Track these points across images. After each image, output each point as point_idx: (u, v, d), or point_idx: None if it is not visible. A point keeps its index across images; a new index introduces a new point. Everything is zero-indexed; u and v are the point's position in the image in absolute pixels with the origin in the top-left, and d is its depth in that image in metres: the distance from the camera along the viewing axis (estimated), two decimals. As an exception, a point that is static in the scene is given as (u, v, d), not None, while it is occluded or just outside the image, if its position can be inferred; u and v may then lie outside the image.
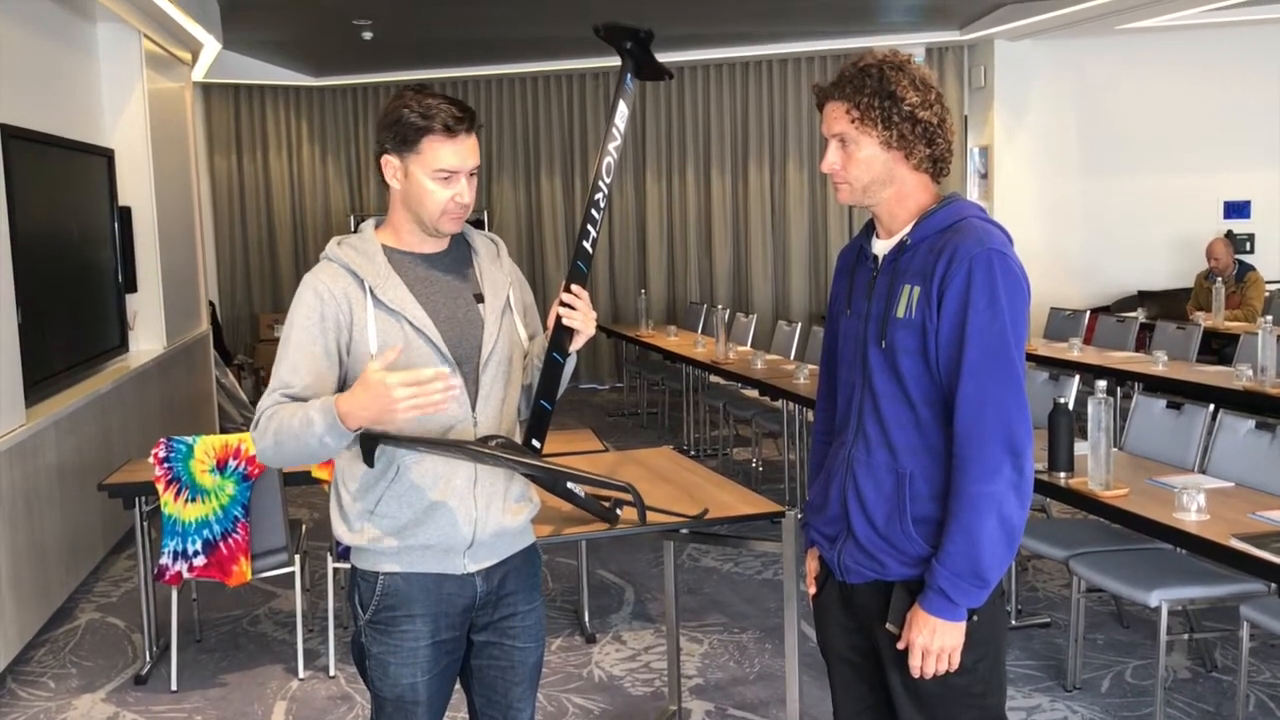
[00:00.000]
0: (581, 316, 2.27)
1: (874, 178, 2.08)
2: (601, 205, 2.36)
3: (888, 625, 2.11)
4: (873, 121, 2.04)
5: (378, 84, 10.90)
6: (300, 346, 2.17)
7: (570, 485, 2.55)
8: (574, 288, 2.28)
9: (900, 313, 2.06)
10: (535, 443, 2.32)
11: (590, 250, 2.34)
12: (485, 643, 2.34)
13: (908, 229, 2.10)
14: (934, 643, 2.04)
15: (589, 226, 2.35)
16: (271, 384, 2.19)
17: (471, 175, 2.23)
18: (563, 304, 2.28)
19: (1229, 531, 3.19)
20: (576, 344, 2.31)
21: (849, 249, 2.27)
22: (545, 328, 2.37)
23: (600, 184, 2.35)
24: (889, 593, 2.12)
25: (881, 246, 2.15)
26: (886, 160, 2.07)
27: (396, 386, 1.97)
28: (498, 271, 2.35)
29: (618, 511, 2.98)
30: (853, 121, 2.06)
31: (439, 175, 2.18)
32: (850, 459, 2.16)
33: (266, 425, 2.12)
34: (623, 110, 2.37)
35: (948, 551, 2.01)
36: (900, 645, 2.09)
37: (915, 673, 2.07)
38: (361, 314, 2.19)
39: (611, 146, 2.37)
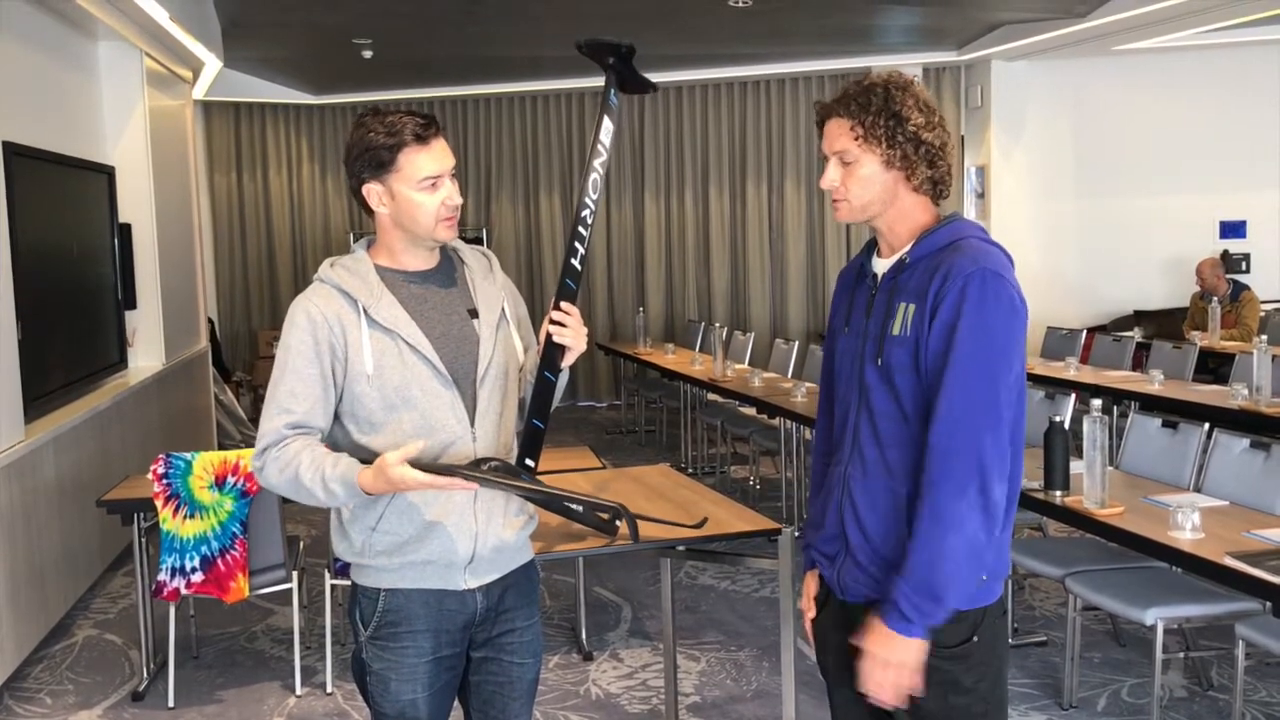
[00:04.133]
0: (572, 333, 2.28)
1: (873, 197, 2.08)
2: (589, 222, 2.35)
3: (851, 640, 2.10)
4: (877, 140, 2.04)
5: (378, 102, 10.94)
6: (297, 371, 2.19)
7: (567, 502, 2.56)
8: (563, 304, 2.29)
9: (896, 330, 2.06)
10: (529, 461, 2.31)
11: (579, 267, 2.34)
12: (483, 659, 2.35)
13: (908, 247, 2.10)
14: (888, 655, 2.01)
15: (576, 244, 2.34)
16: (270, 407, 2.19)
17: (453, 176, 2.25)
18: (553, 322, 2.28)
19: (1224, 550, 3.20)
20: (568, 360, 2.31)
21: (849, 267, 2.27)
22: (539, 344, 2.37)
23: (587, 200, 2.35)
24: None
25: (881, 265, 2.15)
26: (886, 180, 2.07)
27: (416, 487, 2.07)
28: (491, 285, 2.36)
29: (617, 524, 2.99)
30: (856, 139, 2.05)
31: (424, 185, 2.20)
32: (847, 477, 2.15)
33: (279, 469, 2.15)
34: (608, 126, 2.37)
35: (908, 565, 2.00)
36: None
37: (864, 684, 2.04)
38: (356, 335, 2.20)
39: (597, 163, 2.36)
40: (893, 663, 2.02)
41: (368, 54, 8.73)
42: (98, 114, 6.72)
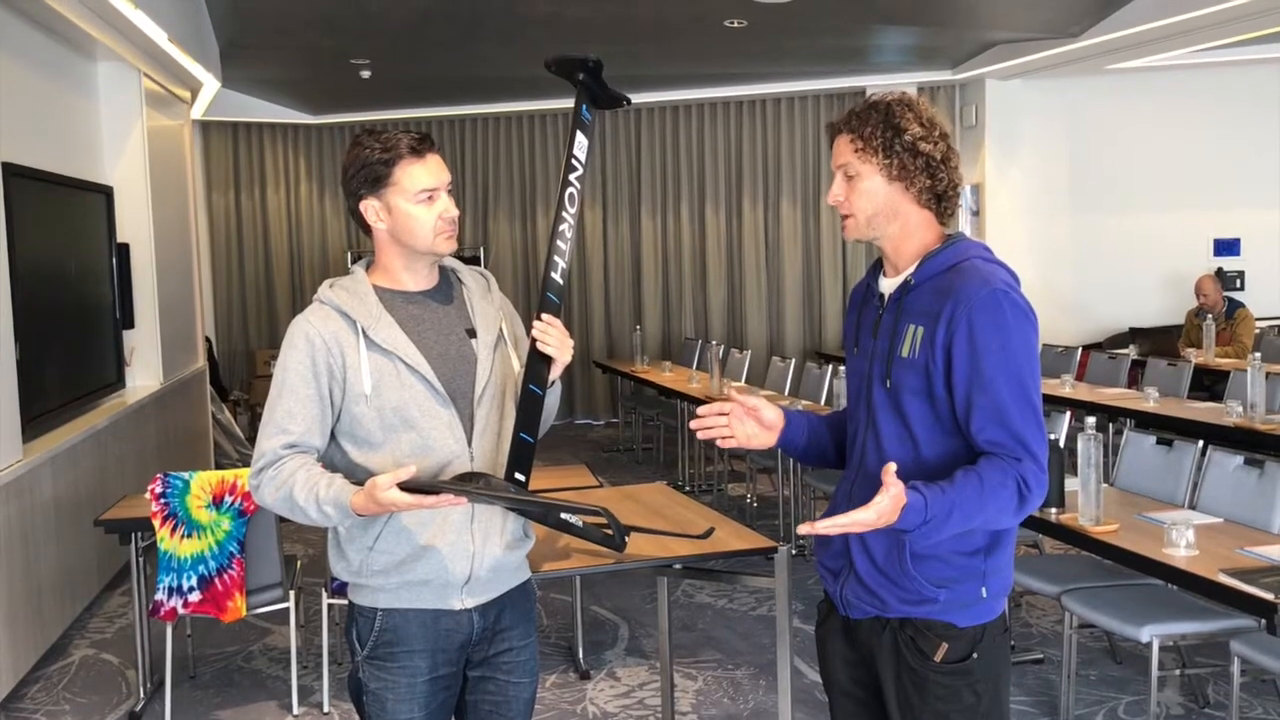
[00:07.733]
0: (556, 342, 2.28)
1: (877, 209, 2.10)
2: (568, 236, 2.38)
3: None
4: (874, 150, 2.07)
5: (375, 122, 10.98)
6: (294, 392, 2.20)
7: (565, 516, 2.56)
8: (545, 316, 2.29)
9: (905, 352, 2.07)
10: (519, 475, 2.31)
11: (560, 281, 2.36)
12: (480, 678, 2.36)
13: (912, 268, 2.11)
14: (878, 520, 1.92)
15: (556, 258, 2.37)
16: (267, 427, 2.21)
17: (449, 192, 2.27)
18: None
19: (1219, 567, 3.21)
20: (555, 372, 2.31)
21: (858, 287, 2.29)
22: None
23: (564, 215, 2.37)
24: (890, 629, 2.11)
25: (888, 285, 2.16)
26: (889, 192, 2.09)
27: (405, 508, 2.06)
28: (488, 305, 2.38)
29: (623, 540, 2.98)
30: (856, 151, 2.09)
31: (420, 198, 2.22)
32: (852, 494, 2.15)
33: (274, 488, 2.17)
34: (581, 141, 2.39)
35: (956, 495, 1.95)
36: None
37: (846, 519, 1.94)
38: (354, 356, 2.21)
39: (573, 178, 2.39)
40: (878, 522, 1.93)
41: (365, 74, 8.77)
42: (96, 134, 6.74)
